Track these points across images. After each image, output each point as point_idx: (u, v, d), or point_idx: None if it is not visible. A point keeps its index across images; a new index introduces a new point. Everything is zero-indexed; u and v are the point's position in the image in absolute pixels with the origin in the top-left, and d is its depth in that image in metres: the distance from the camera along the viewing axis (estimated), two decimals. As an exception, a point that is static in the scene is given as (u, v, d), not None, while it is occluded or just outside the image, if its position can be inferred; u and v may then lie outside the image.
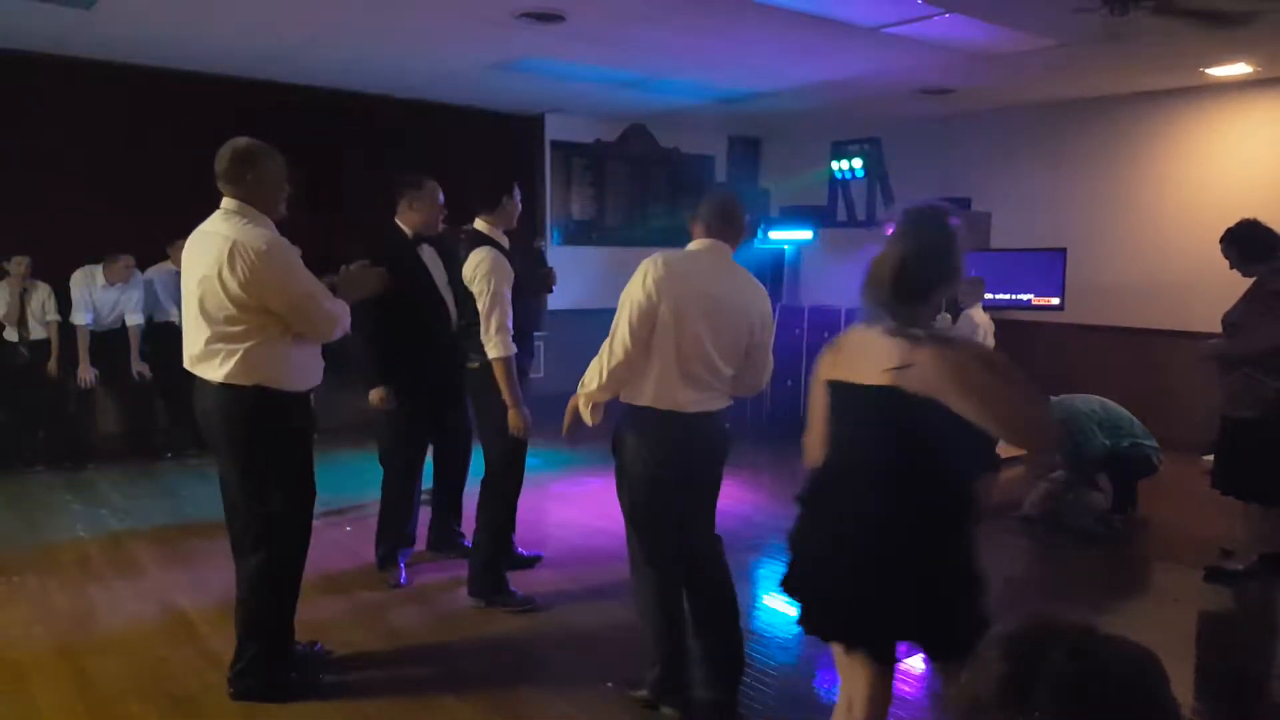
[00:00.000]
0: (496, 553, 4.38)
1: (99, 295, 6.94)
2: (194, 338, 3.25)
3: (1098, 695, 0.91)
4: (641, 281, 3.04)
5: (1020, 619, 1.00)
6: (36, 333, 6.88)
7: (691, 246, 3.21)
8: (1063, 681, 0.91)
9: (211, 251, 3.15)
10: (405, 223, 4.61)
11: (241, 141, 3.29)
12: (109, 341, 7.03)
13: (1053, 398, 5.83)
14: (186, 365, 3.31)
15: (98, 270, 6.91)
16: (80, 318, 6.87)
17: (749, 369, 3.22)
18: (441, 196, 4.66)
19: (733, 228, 3.19)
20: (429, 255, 4.61)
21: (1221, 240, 4.70)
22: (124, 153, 7.33)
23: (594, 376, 3.14)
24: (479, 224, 4.29)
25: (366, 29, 6.37)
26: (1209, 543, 5.09)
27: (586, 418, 3.20)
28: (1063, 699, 0.90)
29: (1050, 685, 0.91)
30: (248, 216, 3.23)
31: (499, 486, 4.31)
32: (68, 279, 6.89)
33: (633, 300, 3.04)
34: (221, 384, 3.21)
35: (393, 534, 4.71)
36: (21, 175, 6.96)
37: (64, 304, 6.94)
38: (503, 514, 4.38)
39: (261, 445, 3.28)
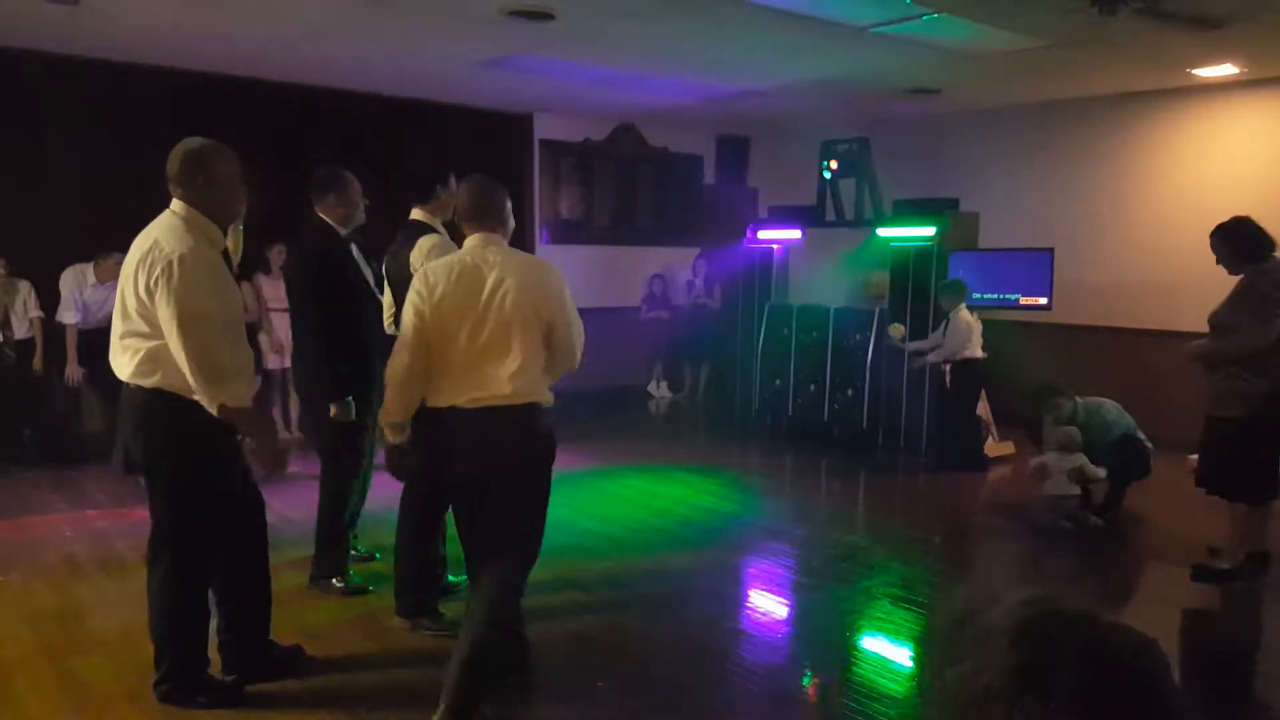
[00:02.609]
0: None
1: (89, 294, 6.90)
2: (114, 331, 3.23)
3: (1115, 685, 0.91)
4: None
5: (1022, 602, 0.99)
6: (20, 332, 6.85)
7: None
8: (1081, 672, 0.90)
9: (139, 249, 3.12)
10: (332, 219, 4.36)
11: (194, 142, 3.21)
12: (95, 340, 6.97)
13: (1079, 399, 5.88)
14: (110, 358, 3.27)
15: (88, 269, 6.87)
16: (69, 316, 6.83)
17: None
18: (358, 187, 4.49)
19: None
20: (356, 254, 4.46)
21: (1213, 235, 4.70)
22: (109, 150, 7.28)
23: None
24: (417, 214, 4.15)
25: (356, 27, 6.35)
26: (1196, 541, 5.12)
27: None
28: (1082, 689, 0.90)
29: (1068, 675, 0.90)
30: (189, 221, 3.15)
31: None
32: (52, 276, 6.85)
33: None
34: (126, 382, 3.18)
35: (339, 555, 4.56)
36: (4, 172, 6.92)
37: (45, 300, 6.90)
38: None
39: (157, 451, 3.20)
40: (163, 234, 3.11)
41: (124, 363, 3.18)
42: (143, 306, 3.09)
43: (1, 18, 6.18)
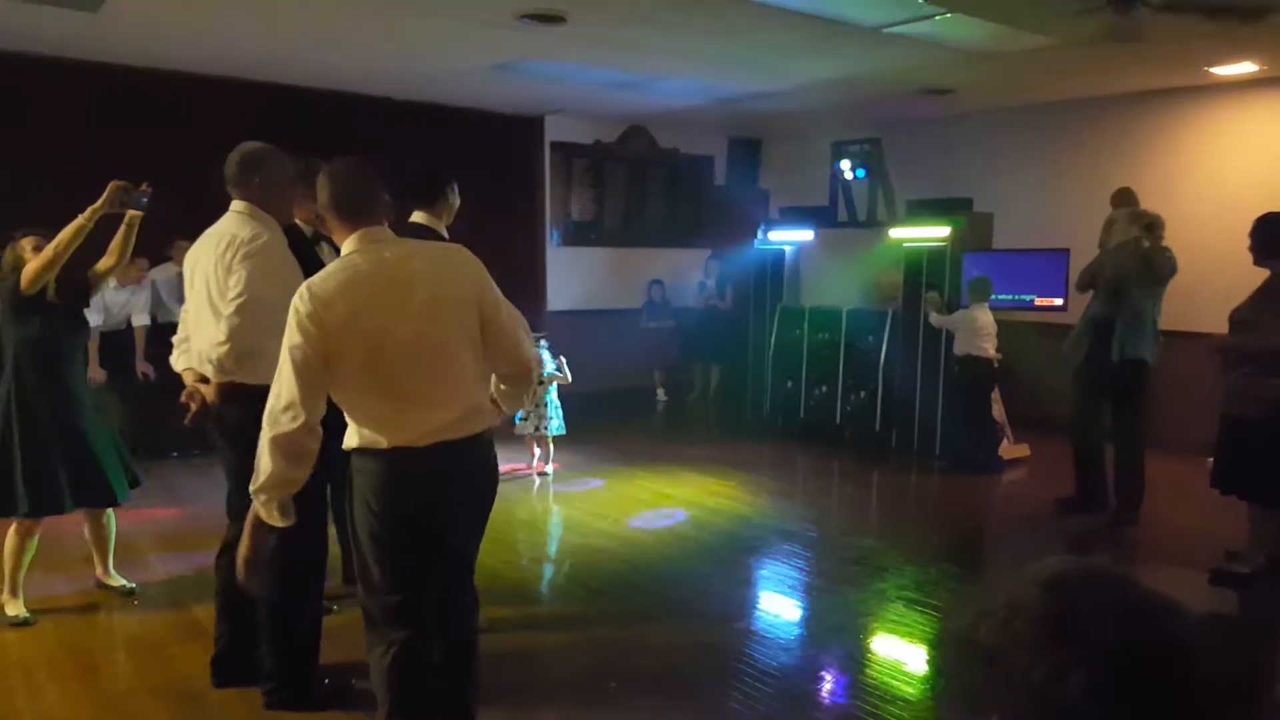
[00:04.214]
0: None
1: (110, 296, 6.94)
2: (204, 334, 3.25)
3: (1148, 647, 0.87)
4: None
5: (1059, 560, 0.96)
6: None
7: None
8: (1117, 628, 0.86)
9: (213, 247, 3.21)
10: (299, 217, 4.14)
11: (250, 145, 3.36)
12: (115, 342, 7.04)
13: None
14: (195, 365, 3.32)
15: (110, 272, 6.93)
16: (90, 318, 6.87)
17: None
18: None
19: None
20: (328, 256, 4.18)
21: (1254, 222, 4.68)
22: (128, 155, 7.31)
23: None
24: (418, 217, 4.03)
25: (369, 31, 6.38)
26: (1214, 545, 5.08)
27: None
28: (1115, 646, 0.86)
29: (1103, 630, 0.86)
30: (254, 217, 3.28)
31: None
32: (72, 279, 6.91)
33: None
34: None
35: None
36: (27, 177, 6.98)
37: (66, 303, 6.95)
38: None
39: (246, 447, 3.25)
40: (234, 226, 3.23)
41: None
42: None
43: (22, 25, 6.24)
